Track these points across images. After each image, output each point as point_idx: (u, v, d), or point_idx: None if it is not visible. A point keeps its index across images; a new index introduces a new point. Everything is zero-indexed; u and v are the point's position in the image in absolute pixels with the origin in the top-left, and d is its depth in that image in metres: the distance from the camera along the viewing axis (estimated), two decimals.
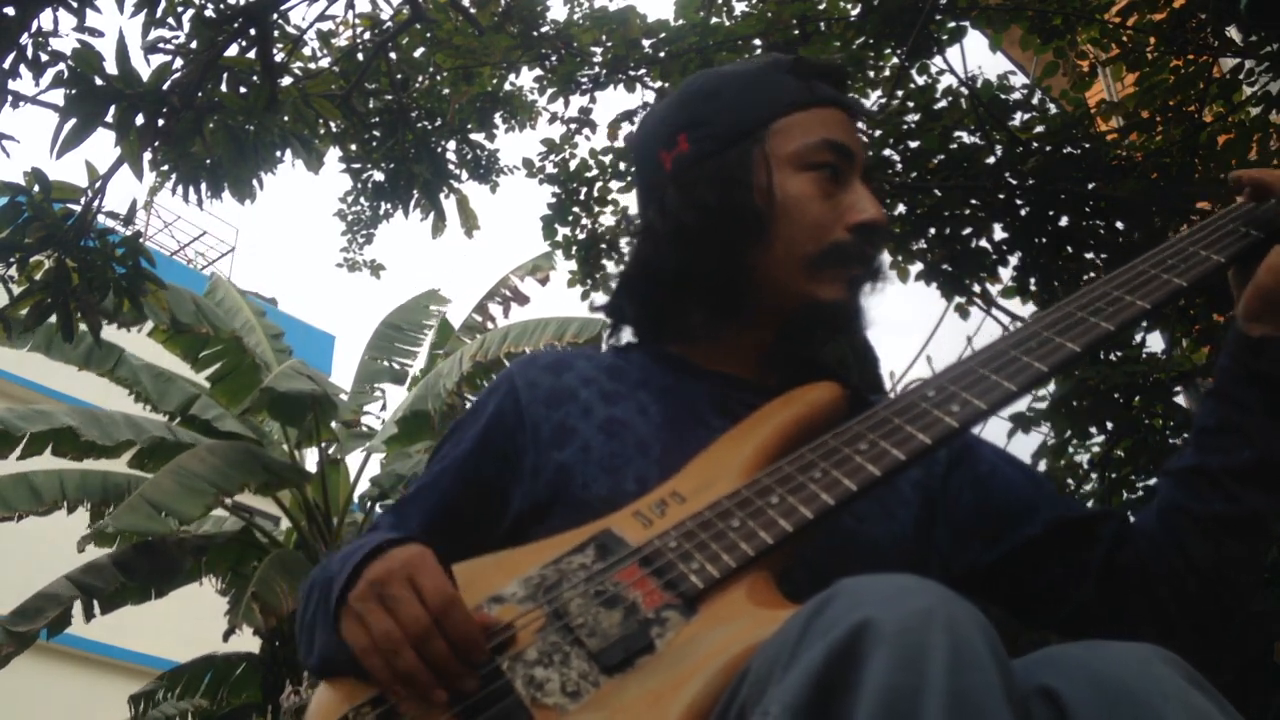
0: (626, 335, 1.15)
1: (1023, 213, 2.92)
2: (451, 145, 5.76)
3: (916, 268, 3.21)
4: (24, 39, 3.14)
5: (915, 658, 0.61)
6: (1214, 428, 0.96)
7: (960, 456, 1.09)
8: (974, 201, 2.96)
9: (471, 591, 0.87)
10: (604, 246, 4.00)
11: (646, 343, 1.14)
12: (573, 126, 4.16)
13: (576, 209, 3.98)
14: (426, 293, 8.33)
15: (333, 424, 7.36)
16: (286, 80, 3.92)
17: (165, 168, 3.73)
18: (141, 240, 3.72)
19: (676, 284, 1.08)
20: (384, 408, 7.80)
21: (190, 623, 11.27)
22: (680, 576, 0.84)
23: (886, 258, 1.16)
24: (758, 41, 3.46)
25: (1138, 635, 0.78)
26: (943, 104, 3.16)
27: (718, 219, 1.03)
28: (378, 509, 7.58)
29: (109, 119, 3.19)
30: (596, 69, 3.97)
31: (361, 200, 5.91)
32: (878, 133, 3.03)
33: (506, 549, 1.00)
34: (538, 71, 4.55)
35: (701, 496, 0.92)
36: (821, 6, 3.48)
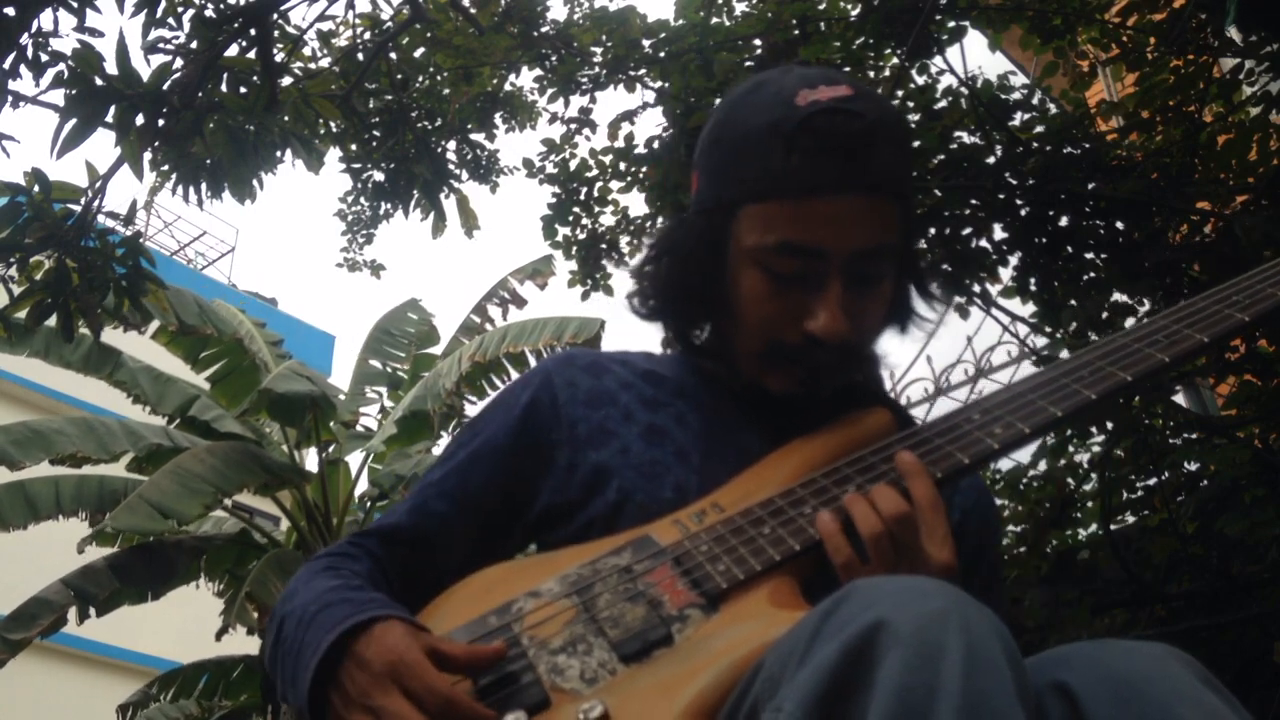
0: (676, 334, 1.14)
1: (1023, 213, 2.92)
2: (451, 145, 5.77)
3: None
4: (24, 39, 3.14)
5: (930, 658, 0.61)
6: None
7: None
8: (974, 201, 2.95)
9: (511, 587, 0.91)
10: (604, 246, 4.01)
11: (678, 348, 1.14)
12: (573, 126, 4.16)
13: (576, 209, 3.98)
14: (408, 301, 8.46)
15: (331, 424, 7.35)
16: (286, 80, 3.92)
17: (165, 168, 3.73)
18: (141, 240, 3.72)
19: (677, 309, 1.09)
20: (382, 409, 7.81)
21: (194, 623, 11.27)
22: (706, 576, 0.87)
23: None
24: (758, 41, 3.46)
25: None
26: (943, 104, 3.16)
27: (694, 286, 1.04)
28: (377, 508, 7.58)
29: (109, 119, 3.19)
30: (596, 69, 3.98)
31: (361, 200, 5.92)
32: None
33: (531, 544, 1.04)
34: (538, 71, 4.57)
35: (740, 507, 0.94)
36: (821, 6, 3.48)
